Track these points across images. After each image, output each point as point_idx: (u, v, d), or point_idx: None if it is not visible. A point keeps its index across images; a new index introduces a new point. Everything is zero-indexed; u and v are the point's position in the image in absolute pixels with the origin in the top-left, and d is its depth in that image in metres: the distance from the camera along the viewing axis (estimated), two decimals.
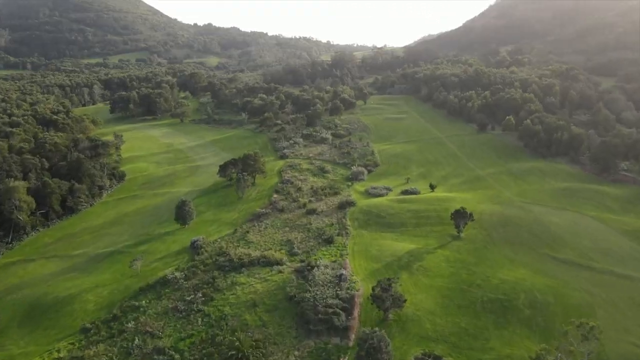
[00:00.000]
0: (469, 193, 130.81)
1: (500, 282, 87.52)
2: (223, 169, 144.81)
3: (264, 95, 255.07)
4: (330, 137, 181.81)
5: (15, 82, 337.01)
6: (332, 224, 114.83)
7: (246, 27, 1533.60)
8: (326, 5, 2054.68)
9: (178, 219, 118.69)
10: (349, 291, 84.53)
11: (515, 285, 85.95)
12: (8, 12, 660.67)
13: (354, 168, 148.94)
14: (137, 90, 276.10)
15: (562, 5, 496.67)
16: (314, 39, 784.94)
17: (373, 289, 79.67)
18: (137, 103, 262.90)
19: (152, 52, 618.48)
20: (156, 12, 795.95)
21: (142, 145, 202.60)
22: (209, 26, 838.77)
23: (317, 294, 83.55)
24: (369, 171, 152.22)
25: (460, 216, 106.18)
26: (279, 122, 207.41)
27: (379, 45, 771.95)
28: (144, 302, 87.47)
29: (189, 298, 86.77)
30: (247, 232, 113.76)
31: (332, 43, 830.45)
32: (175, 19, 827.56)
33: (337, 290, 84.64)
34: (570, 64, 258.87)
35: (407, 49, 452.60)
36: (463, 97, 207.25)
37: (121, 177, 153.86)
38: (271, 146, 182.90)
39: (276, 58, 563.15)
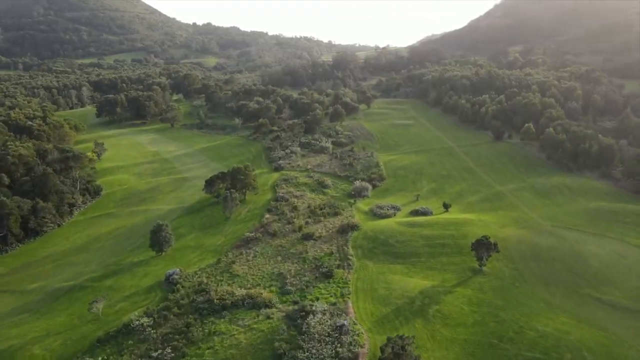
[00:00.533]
0: (489, 214, 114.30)
1: (538, 336, 70.87)
2: (209, 184, 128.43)
3: (260, 99, 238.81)
4: (330, 146, 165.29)
5: (1, 84, 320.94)
6: (332, 253, 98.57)
7: (246, 26, 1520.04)
8: (327, 5, 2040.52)
9: (153, 245, 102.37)
10: (351, 348, 68.27)
11: (558, 340, 69.34)
12: (1, 10, 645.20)
13: (357, 183, 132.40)
14: (125, 92, 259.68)
15: (569, 5, 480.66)
16: (315, 39, 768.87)
17: (382, 350, 63.15)
18: (125, 106, 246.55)
19: (148, 52, 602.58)
20: (154, 12, 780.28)
21: (126, 153, 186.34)
22: (208, 26, 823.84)
23: (312, 352, 67.24)
24: (374, 186, 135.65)
25: (483, 247, 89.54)
26: (275, 128, 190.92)
27: (381, 45, 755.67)
28: (100, 358, 71.12)
29: (155, 354, 70.58)
30: (233, 262, 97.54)
31: (333, 43, 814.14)
32: (174, 18, 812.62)
33: (337, 347, 68.36)
34: (587, 65, 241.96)
35: (412, 49, 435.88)
36: (475, 101, 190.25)
37: (96, 191, 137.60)
38: (265, 156, 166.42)
39: (276, 58, 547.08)
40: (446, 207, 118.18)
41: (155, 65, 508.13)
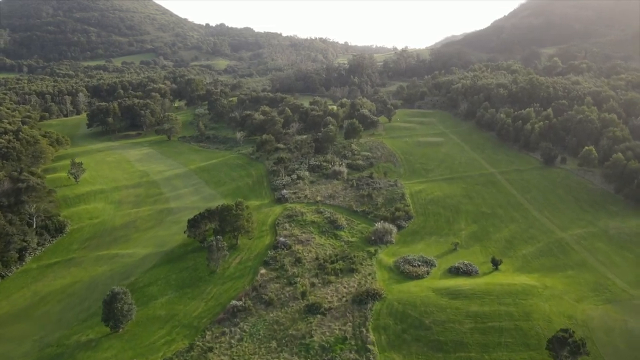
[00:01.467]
0: (554, 276, 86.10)
1: None
2: (193, 225, 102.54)
3: (267, 108, 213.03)
4: (345, 170, 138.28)
5: None
6: (346, 339, 72.03)
7: (260, 27, 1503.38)
8: (344, 4, 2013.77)
9: (107, 320, 76.68)
10: None
11: None
12: (9, 10, 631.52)
13: (378, 224, 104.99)
14: (119, 100, 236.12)
15: (606, 4, 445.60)
16: (331, 40, 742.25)
17: None
18: (119, 116, 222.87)
19: (158, 54, 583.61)
20: (165, 12, 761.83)
21: (110, 174, 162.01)
22: (221, 26, 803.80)
23: None
24: (399, 227, 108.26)
25: (564, 347, 61.86)
26: (280, 145, 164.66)
27: (399, 47, 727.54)
28: None
29: None
30: (210, 349, 71.79)
31: (349, 44, 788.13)
32: (186, 19, 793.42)
33: None
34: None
35: (434, 52, 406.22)
36: (517, 116, 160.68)
37: (59, 229, 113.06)
38: (268, 182, 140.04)
39: (289, 61, 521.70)
40: (496, 264, 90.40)
41: (163, 68, 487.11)
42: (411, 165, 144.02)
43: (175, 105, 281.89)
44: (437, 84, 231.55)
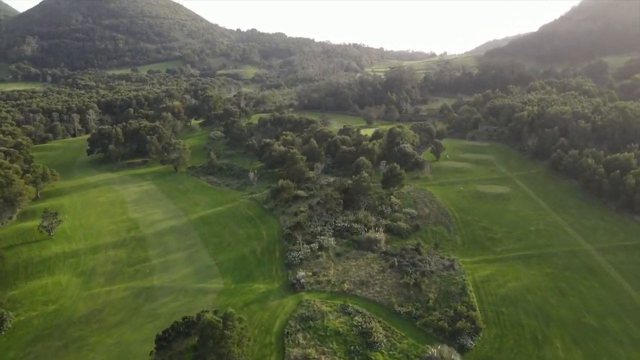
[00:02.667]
0: None
1: None
2: (163, 346, 71.30)
3: (290, 136, 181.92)
4: (383, 237, 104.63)
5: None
6: None
7: (293, 32, 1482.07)
8: (380, 6, 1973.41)
9: None
10: None
11: None
12: (40, 17, 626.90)
13: (433, 351, 70.69)
14: (124, 124, 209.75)
15: None
16: (365, 46, 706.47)
17: None
18: (122, 142, 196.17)
19: (185, 61, 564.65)
20: (195, 18, 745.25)
21: (95, 223, 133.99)
22: (252, 32, 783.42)
23: None
24: (462, 349, 73.88)
25: None
26: (301, 192, 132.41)
27: (437, 52, 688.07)
28: None
29: None
30: None
31: (385, 50, 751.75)
32: (216, 24, 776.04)
33: None
34: None
35: (480, 62, 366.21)
36: (611, 161, 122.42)
37: None
38: (280, 250, 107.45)
39: (320, 69, 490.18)
40: None
41: (188, 78, 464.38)
42: (471, 231, 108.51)
43: (190, 124, 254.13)
44: (493, 108, 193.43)
